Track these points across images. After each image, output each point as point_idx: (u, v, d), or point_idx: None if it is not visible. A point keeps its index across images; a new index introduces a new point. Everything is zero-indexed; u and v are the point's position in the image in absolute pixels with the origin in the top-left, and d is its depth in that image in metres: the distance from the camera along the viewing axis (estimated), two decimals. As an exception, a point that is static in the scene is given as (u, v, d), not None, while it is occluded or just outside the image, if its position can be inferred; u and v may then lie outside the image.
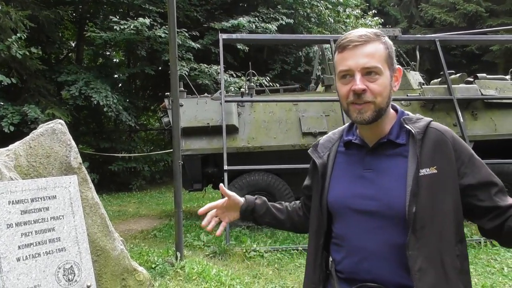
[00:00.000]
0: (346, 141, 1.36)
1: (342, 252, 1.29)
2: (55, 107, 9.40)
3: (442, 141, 1.21)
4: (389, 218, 1.20)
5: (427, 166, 1.18)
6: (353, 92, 1.21)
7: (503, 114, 6.48)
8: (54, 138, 2.31)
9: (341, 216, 1.31)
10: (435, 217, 1.16)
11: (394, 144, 1.26)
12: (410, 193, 1.16)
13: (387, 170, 1.24)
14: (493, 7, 18.17)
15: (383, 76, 1.21)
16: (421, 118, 1.28)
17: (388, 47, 1.25)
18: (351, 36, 1.23)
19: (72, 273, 2.16)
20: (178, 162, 4.38)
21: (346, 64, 1.22)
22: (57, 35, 11.65)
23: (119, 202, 10.00)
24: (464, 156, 1.22)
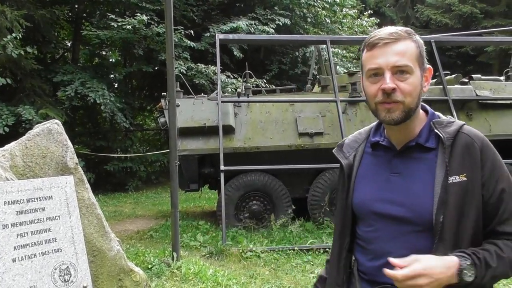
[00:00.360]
0: (373, 142, 1.32)
1: (366, 255, 1.28)
2: (50, 107, 9.36)
3: (471, 147, 1.17)
4: (415, 225, 1.18)
5: (456, 174, 1.15)
6: (382, 91, 1.17)
7: (497, 114, 6.53)
8: (50, 138, 2.30)
9: (366, 219, 1.29)
10: (462, 226, 1.14)
11: (423, 148, 1.22)
12: (438, 201, 1.14)
13: (415, 175, 1.21)
14: (488, 9, 18.30)
15: (413, 76, 1.17)
16: (452, 121, 1.24)
17: (419, 45, 1.21)
18: (381, 34, 1.19)
19: (68, 273, 2.16)
20: (174, 162, 4.38)
21: (375, 62, 1.18)
22: (53, 34, 11.60)
23: (115, 203, 9.97)
24: (488, 165, 1.17)
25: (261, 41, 9.29)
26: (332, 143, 6.13)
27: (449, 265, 1.08)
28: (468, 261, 1.09)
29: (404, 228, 1.19)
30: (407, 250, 1.16)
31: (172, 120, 4.42)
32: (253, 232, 5.85)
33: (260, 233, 5.82)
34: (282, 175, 6.26)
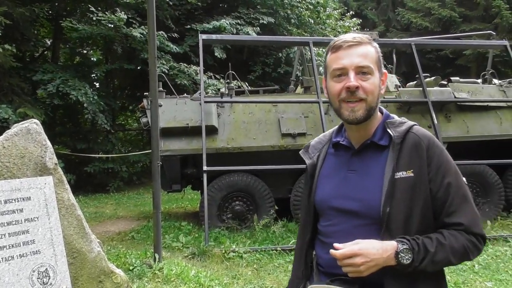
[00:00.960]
0: (334, 143, 1.42)
1: (325, 248, 1.35)
2: (29, 106, 9.17)
3: (419, 146, 1.27)
4: (367, 218, 1.27)
5: (403, 169, 1.24)
6: (347, 89, 1.26)
7: (474, 116, 6.69)
8: (29, 138, 2.26)
9: (326, 214, 1.37)
10: (408, 218, 1.23)
11: (377, 146, 1.32)
12: (385, 194, 1.23)
13: (369, 172, 1.30)
14: (466, 13, 18.72)
15: (374, 77, 1.28)
16: (404, 122, 1.34)
17: (378, 51, 1.32)
18: (345, 37, 1.30)
19: (47, 276, 2.13)
20: (157, 162, 4.35)
21: (340, 62, 1.27)
22: (33, 32, 11.37)
23: (96, 204, 9.82)
24: (435, 162, 1.26)
25: (244, 41, 9.31)
26: (314, 144, 6.19)
27: (386, 248, 1.18)
28: (406, 246, 1.18)
29: (358, 222, 1.28)
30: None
31: (154, 120, 4.39)
32: (236, 233, 5.85)
33: (243, 234, 5.83)
34: (265, 175, 6.28)
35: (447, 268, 4.31)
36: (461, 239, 1.22)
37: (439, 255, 1.19)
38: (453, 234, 1.23)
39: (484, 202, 6.45)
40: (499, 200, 6.46)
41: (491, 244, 5.19)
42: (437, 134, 6.04)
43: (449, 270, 4.33)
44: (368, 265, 1.17)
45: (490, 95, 6.97)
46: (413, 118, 6.48)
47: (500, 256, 4.74)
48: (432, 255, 1.19)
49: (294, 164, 6.14)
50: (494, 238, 5.35)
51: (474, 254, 1.24)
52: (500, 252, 4.86)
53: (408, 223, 1.22)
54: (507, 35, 15.85)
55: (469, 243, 1.23)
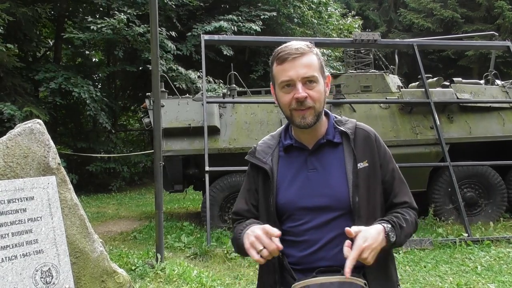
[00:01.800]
0: (286, 146, 1.47)
1: (298, 246, 1.39)
2: (32, 106, 9.19)
3: (368, 139, 1.43)
4: (338, 210, 1.36)
5: (361, 161, 1.38)
6: (296, 100, 1.34)
7: (477, 117, 6.67)
8: (32, 138, 2.26)
9: (294, 215, 1.41)
10: (370, 204, 1.37)
11: (331, 144, 1.43)
12: (352, 185, 1.35)
13: (329, 168, 1.40)
14: (468, 14, 18.70)
15: (319, 84, 1.36)
16: (347, 120, 1.48)
17: (319, 57, 1.40)
18: (288, 49, 1.35)
19: (50, 275, 2.13)
20: (159, 163, 4.35)
21: (287, 75, 1.34)
22: (35, 33, 11.40)
23: (98, 204, 9.84)
24: (382, 151, 1.44)
25: (246, 42, 9.29)
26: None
27: (379, 233, 1.27)
28: (389, 225, 1.30)
29: (329, 215, 1.36)
30: (334, 234, 1.35)
31: (156, 120, 4.39)
32: (237, 233, 5.84)
33: (244, 234, 5.81)
34: (266, 176, 6.27)
35: (450, 269, 4.30)
36: (412, 214, 1.42)
37: (407, 229, 1.36)
38: (406, 211, 1.41)
39: (486, 203, 6.44)
40: (501, 201, 6.45)
41: (493, 245, 5.18)
42: (439, 135, 6.03)
43: (452, 272, 4.33)
44: (373, 254, 1.24)
45: (493, 96, 6.96)
46: (415, 119, 6.52)
47: (502, 258, 4.72)
48: (404, 230, 1.34)
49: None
50: (496, 239, 5.33)
51: (416, 226, 1.44)
52: (502, 254, 4.84)
53: (371, 208, 1.36)
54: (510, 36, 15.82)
55: (415, 217, 1.44)
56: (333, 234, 1.35)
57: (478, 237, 5.34)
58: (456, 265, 4.53)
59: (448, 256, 4.81)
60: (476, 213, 6.43)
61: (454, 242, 5.25)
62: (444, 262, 4.61)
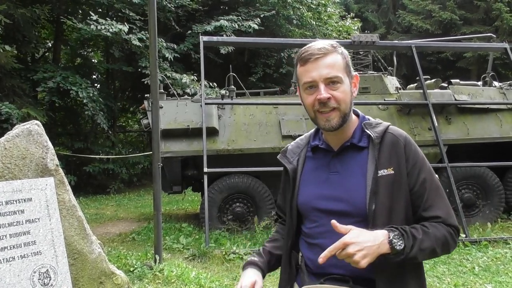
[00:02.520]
0: (313, 146, 1.47)
1: (312, 249, 1.38)
2: (30, 107, 9.19)
3: (397, 144, 1.34)
4: (354, 216, 1.31)
5: (384, 167, 1.30)
6: (319, 101, 1.31)
7: (475, 118, 6.69)
8: (30, 139, 2.27)
9: (311, 216, 1.40)
10: (392, 214, 1.28)
11: (356, 147, 1.37)
12: (370, 192, 1.28)
13: (351, 172, 1.35)
14: (467, 15, 18.74)
15: (344, 84, 1.32)
16: (380, 123, 1.40)
17: (344, 56, 1.36)
18: (311, 50, 1.33)
19: (48, 277, 2.13)
20: (157, 164, 4.36)
21: (310, 76, 1.32)
22: (34, 34, 11.39)
23: (97, 205, 9.83)
24: (411, 159, 1.33)
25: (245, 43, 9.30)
26: (315, 146, 6.19)
27: (377, 235, 1.20)
28: (396, 232, 1.22)
29: (344, 221, 1.29)
30: None
31: (155, 121, 4.40)
32: (236, 234, 5.85)
33: (243, 235, 5.83)
34: (265, 177, 6.29)
35: (448, 270, 4.31)
36: (441, 229, 1.28)
37: (426, 243, 1.24)
38: (434, 225, 1.29)
39: (484, 204, 6.45)
40: (499, 202, 6.46)
41: (491, 246, 5.19)
42: (437, 136, 6.05)
43: (450, 272, 4.34)
44: (362, 253, 1.16)
45: (491, 97, 6.98)
46: (414, 120, 6.53)
47: (500, 258, 4.73)
48: (419, 241, 1.23)
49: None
50: (494, 240, 5.35)
51: (452, 246, 1.31)
52: (500, 254, 4.85)
53: (392, 218, 1.28)
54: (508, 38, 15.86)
55: (448, 233, 1.29)
56: None
57: (476, 238, 5.35)
58: (453, 266, 4.54)
59: (446, 257, 4.81)
60: (473, 214, 6.44)
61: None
62: (442, 263, 4.62)
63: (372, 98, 6.85)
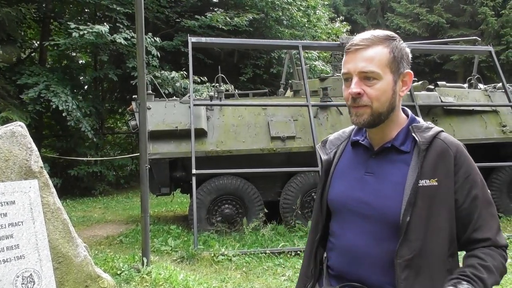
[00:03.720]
0: (353, 141, 1.36)
1: (335, 250, 1.31)
2: (14, 109, 9.03)
3: (446, 154, 1.20)
4: (383, 224, 1.21)
5: (427, 178, 1.17)
6: (351, 96, 1.22)
7: (460, 120, 6.79)
8: (14, 141, 2.23)
9: (339, 215, 1.32)
10: (430, 229, 1.16)
11: (398, 151, 1.25)
12: (407, 203, 1.16)
13: (387, 176, 1.24)
14: (454, 19, 19.00)
15: (382, 81, 1.20)
16: (431, 127, 1.27)
17: (393, 51, 1.22)
18: (356, 39, 1.23)
19: (31, 281, 2.10)
20: (145, 166, 4.32)
21: (346, 67, 1.23)
22: (19, 33, 11.22)
23: (84, 208, 9.71)
24: (462, 172, 1.20)
25: (234, 44, 9.30)
26: (303, 147, 6.21)
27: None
28: (465, 285, 1.09)
29: (371, 227, 1.22)
30: (373, 248, 1.21)
31: (142, 122, 4.36)
32: (225, 236, 5.83)
33: (232, 237, 5.81)
34: (254, 178, 6.28)
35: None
36: (496, 256, 1.17)
37: (490, 279, 1.13)
38: (488, 253, 1.17)
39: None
40: (485, 203, 6.55)
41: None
42: (424, 138, 6.11)
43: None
44: None
45: (476, 99, 7.09)
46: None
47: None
48: (486, 281, 1.12)
49: (283, 167, 6.17)
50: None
51: (506, 268, 1.20)
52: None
53: (430, 233, 1.16)
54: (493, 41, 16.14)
55: (502, 258, 1.19)
56: (371, 249, 1.21)
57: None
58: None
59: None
60: (460, 215, 6.52)
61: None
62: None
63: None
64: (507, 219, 6.53)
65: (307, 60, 13.02)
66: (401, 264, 1.15)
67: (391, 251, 1.17)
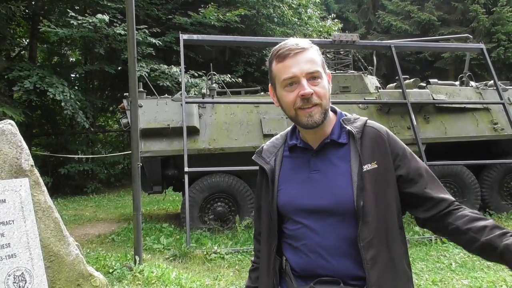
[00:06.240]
0: (291, 145, 1.40)
1: (297, 251, 1.32)
2: (6, 106, 8.93)
3: (379, 138, 1.31)
4: (340, 214, 1.26)
5: (368, 162, 1.27)
6: (302, 97, 1.25)
7: (452, 118, 6.84)
8: (4, 139, 2.20)
9: (294, 218, 1.34)
10: (380, 208, 1.25)
11: (336, 144, 1.33)
12: (357, 188, 1.24)
13: (333, 169, 1.30)
14: (445, 16, 19.12)
15: (323, 80, 1.29)
16: (357, 118, 1.38)
17: (319, 53, 1.32)
18: (288, 45, 1.28)
19: (23, 280, 2.08)
20: (137, 164, 4.30)
21: (290, 71, 1.26)
22: (9, 31, 11.09)
23: (75, 206, 9.65)
24: (397, 149, 1.32)
25: (226, 42, 9.28)
26: (296, 145, 6.22)
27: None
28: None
29: (330, 219, 1.26)
30: (335, 239, 1.26)
31: (134, 120, 4.34)
32: (217, 234, 5.83)
33: (224, 235, 5.81)
34: (246, 176, 6.28)
35: (426, 266, 4.39)
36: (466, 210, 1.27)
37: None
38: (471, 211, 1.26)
39: (461, 201, 6.59)
40: (475, 199, 6.63)
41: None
42: (416, 135, 6.15)
43: (428, 269, 4.42)
44: None
45: (467, 97, 7.15)
46: (393, 120, 6.63)
47: (476, 254, 4.85)
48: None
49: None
50: (470, 236, 5.47)
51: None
52: (476, 250, 4.97)
53: (381, 212, 1.25)
54: (484, 39, 16.28)
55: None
56: (334, 240, 1.26)
57: (453, 235, 5.46)
58: (431, 262, 4.63)
59: (424, 254, 4.91)
60: (451, 211, 6.59)
61: (430, 239, 5.37)
62: (420, 260, 4.71)
63: (353, 97, 6.93)
64: (498, 217, 6.60)
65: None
66: (364, 246, 1.21)
67: (353, 238, 1.24)
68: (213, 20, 11.61)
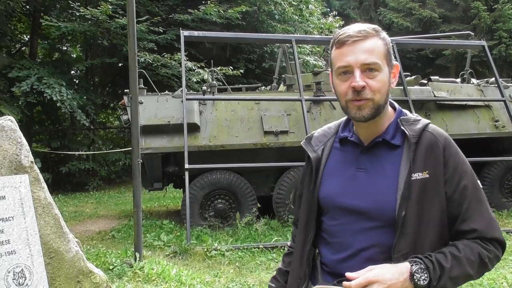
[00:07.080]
0: (341, 138, 1.34)
1: (330, 247, 1.29)
2: (4, 104, 8.92)
3: (435, 145, 1.20)
4: (378, 220, 1.20)
5: (419, 171, 1.17)
6: (353, 89, 1.18)
7: (453, 115, 6.83)
8: (3, 135, 2.19)
9: (331, 213, 1.30)
10: (423, 222, 1.17)
11: (389, 145, 1.25)
12: (401, 197, 1.16)
13: (380, 171, 1.23)
14: (446, 14, 19.05)
15: (382, 73, 1.19)
16: (419, 119, 1.27)
17: (386, 43, 1.23)
18: (349, 31, 1.20)
19: (23, 276, 2.07)
20: (137, 160, 4.29)
21: (345, 60, 1.19)
22: (9, 27, 11.06)
23: (76, 203, 9.66)
24: (450, 163, 1.20)
25: (226, 38, 9.25)
26: (297, 142, 6.21)
27: (401, 271, 1.10)
28: (419, 265, 1.10)
29: (367, 223, 1.21)
30: (368, 244, 1.20)
31: (134, 117, 4.33)
32: (218, 231, 5.83)
33: (225, 232, 5.81)
34: (247, 173, 6.28)
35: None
36: (476, 248, 1.15)
37: (456, 270, 1.12)
38: (467, 244, 1.16)
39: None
40: (476, 197, 6.61)
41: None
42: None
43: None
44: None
45: (468, 94, 7.13)
46: (394, 117, 6.62)
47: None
48: (448, 271, 1.11)
49: (277, 161, 6.17)
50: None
51: (493, 262, 1.18)
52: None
53: (423, 226, 1.17)
54: (485, 36, 16.21)
55: (486, 251, 1.16)
56: (368, 244, 1.20)
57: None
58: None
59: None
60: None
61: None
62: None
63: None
64: (499, 214, 6.59)
65: (300, 54, 12.99)
66: (398, 258, 1.15)
67: (387, 246, 1.17)
68: (214, 17, 11.58)
